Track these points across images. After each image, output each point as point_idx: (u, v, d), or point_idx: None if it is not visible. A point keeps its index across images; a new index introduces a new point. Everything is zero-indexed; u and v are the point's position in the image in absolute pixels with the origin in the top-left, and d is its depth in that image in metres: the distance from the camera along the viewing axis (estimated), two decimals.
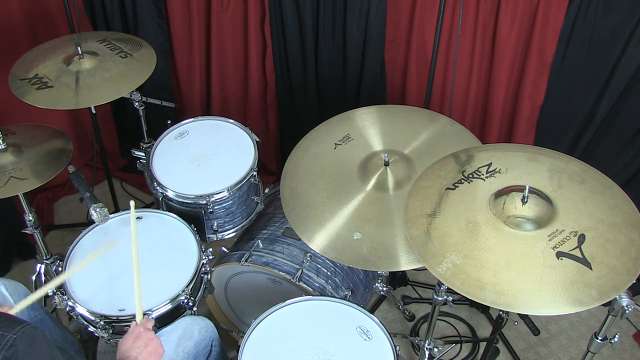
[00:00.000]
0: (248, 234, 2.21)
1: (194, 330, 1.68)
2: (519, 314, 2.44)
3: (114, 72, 2.08)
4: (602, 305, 1.31)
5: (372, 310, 2.45)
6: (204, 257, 1.87)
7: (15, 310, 1.54)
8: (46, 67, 2.10)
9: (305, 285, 1.93)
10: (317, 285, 1.97)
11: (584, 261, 1.34)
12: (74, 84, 2.04)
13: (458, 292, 1.35)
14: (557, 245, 1.38)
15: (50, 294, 1.76)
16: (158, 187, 2.07)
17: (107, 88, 2.04)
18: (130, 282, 1.78)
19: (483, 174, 1.59)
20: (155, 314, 1.71)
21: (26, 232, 2.07)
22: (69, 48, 2.18)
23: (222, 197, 2.06)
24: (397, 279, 2.60)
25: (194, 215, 2.07)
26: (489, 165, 1.61)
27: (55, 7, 2.66)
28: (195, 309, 1.81)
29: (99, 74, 2.07)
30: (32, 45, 2.25)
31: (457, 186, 1.57)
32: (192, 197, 2.04)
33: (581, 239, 1.39)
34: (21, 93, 2.00)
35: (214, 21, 2.63)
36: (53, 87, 2.02)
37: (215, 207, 2.07)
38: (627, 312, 1.38)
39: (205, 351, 1.71)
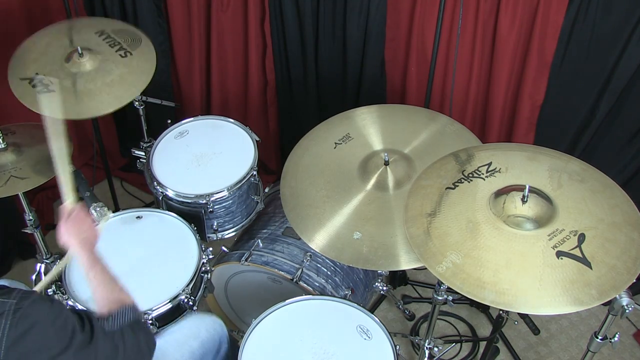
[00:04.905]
0: (248, 234, 2.21)
1: (200, 329, 1.67)
2: (519, 313, 2.44)
3: (115, 75, 2.07)
4: (602, 304, 1.31)
5: (372, 310, 2.46)
6: (204, 257, 1.87)
7: None
8: (46, 66, 2.10)
9: (305, 285, 1.93)
10: (317, 284, 1.97)
11: (584, 260, 1.35)
12: (75, 88, 2.04)
13: (458, 291, 1.35)
14: (557, 245, 1.38)
15: (50, 293, 1.76)
16: (158, 187, 2.07)
17: (108, 95, 2.03)
18: (131, 281, 1.78)
19: (483, 174, 1.59)
20: (155, 314, 1.71)
21: (26, 231, 2.08)
22: (66, 41, 2.15)
23: (222, 197, 2.06)
24: (397, 278, 2.60)
25: (194, 214, 2.07)
26: (489, 164, 1.61)
27: (55, 5, 2.66)
28: (195, 308, 1.81)
29: (100, 78, 2.06)
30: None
31: (457, 185, 1.57)
32: (192, 196, 2.04)
33: (581, 238, 1.39)
34: (22, 95, 2.00)
35: (214, 21, 2.63)
36: (54, 91, 2.01)
37: (215, 207, 2.07)
38: (627, 311, 1.38)
39: (214, 350, 1.69)
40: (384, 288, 2.30)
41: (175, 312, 1.77)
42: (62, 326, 1.15)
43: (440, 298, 1.75)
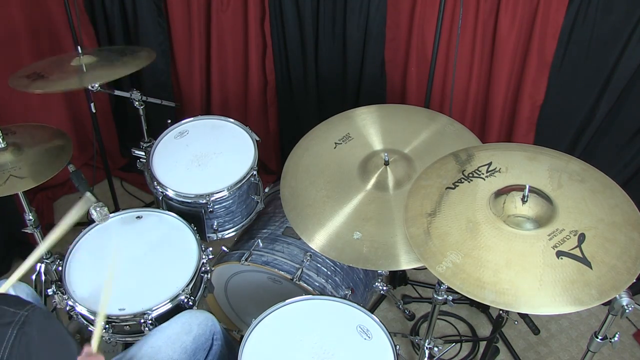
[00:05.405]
0: (248, 233, 2.21)
1: (192, 324, 1.66)
2: (519, 313, 2.44)
3: (112, 65, 2.14)
4: (602, 304, 1.31)
5: (372, 310, 2.46)
6: (204, 257, 1.87)
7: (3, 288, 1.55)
8: (46, 67, 2.13)
9: (305, 285, 1.93)
10: (317, 284, 1.97)
11: (584, 260, 1.35)
12: (72, 72, 2.10)
13: (458, 291, 1.35)
14: (557, 245, 1.38)
15: (50, 293, 1.76)
16: (158, 187, 2.07)
17: (104, 73, 2.12)
18: (131, 281, 1.79)
19: (483, 173, 1.59)
20: (155, 314, 1.71)
21: (26, 231, 2.07)
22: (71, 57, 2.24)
23: (222, 197, 2.06)
24: (397, 278, 2.60)
25: (194, 214, 2.07)
26: (489, 164, 1.61)
27: (55, 5, 2.66)
28: (195, 308, 1.81)
29: (98, 65, 2.14)
30: (32, 41, 2.26)
31: (457, 185, 1.57)
32: (192, 196, 2.04)
33: (581, 238, 1.39)
34: (17, 85, 2.03)
35: (214, 20, 2.64)
36: (48, 78, 2.06)
37: (216, 207, 2.07)
38: (627, 311, 1.38)
39: (206, 345, 1.69)
40: (384, 288, 2.30)
41: (175, 312, 1.76)
42: (69, 348, 1.16)
43: (440, 298, 1.75)
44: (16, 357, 1.10)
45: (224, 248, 2.13)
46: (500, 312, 1.98)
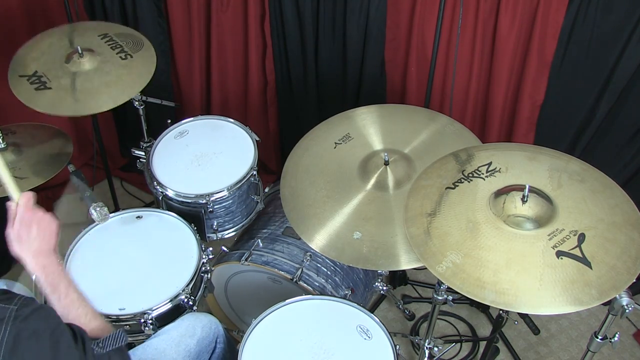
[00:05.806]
0: (248, 233, 2.21)
1: (196, 327, 1.67)
2: (519, 313, 2.44)
3: (113, 75, 2.09)
4: (602, 304, 1.31)
5: (372, 310, 2.45)
6: (204, 257, 1.87)
7: None
8: (46, 64, 2.11)
9: (305, 285, 1.93)
10: (317, 284, 1.97)
11: (584, 260, 1.35)
12: (72, 86, 2.05)
13: (458, 291, 1.35)
14: (557, 245, 1.38)
15: None
16: (158, 187, 2.07)
17: (105, 94, 2.05)
18: (131, 281, 1.79)
19: (483, 173, 1.59)
20: (155, 313, 1.71)
21: None
22: (67, 42, 2.17)
23: (222, 197, 2.06)
24: (397, 278, 2.60)
25: (194, 214, 2.07)
26: (489, 164, 1.61)
27: (55, 6, 2.66)
28: (195, 308, 1.81)
29: (97, 78, 2.08)
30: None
31: (457, 185, 1.57)
32: (192, 196, 2.04)
33: (581, 238, 1.39)
34: (20, 92, 2.01)
35: (214, 20, 2.63)
36: (52, 88, 2.02)
37: (215, 207, 2.07)
38: (627, 311, 1.38)
39: (209, 348, 1.70)
40: (384, 288, 2.30)
41: (175, 312, 1.76)
42: (57, 340, 1.16)
43: (440, 298, 1.75)
44: (11, 353, 1.10)
45: (224, 248, 2.13)
46: (500, 312, 1.98)
